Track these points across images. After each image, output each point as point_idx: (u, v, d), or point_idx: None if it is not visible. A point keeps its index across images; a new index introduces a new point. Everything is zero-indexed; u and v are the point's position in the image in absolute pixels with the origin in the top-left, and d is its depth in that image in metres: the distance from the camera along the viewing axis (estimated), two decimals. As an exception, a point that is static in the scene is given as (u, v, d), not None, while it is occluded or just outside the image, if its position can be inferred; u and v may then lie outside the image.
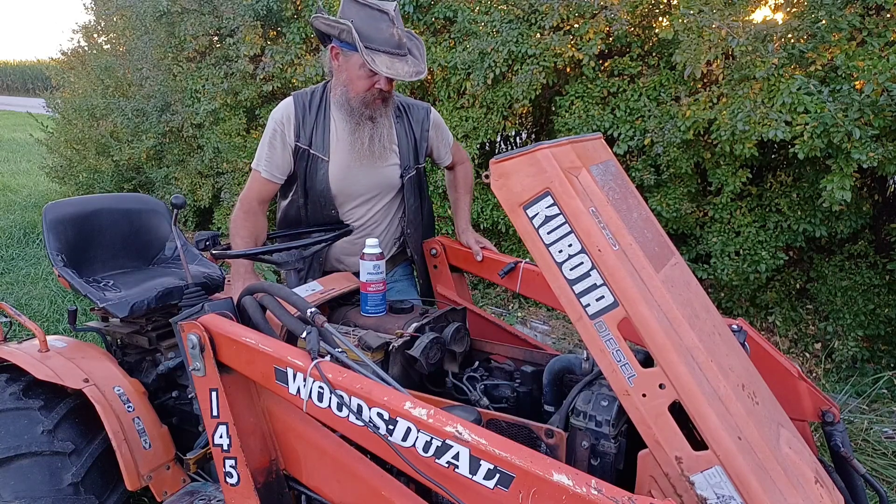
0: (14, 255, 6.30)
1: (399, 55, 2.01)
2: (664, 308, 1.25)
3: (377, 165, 2.24)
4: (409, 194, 2.35)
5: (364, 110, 2.11)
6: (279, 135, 2.20)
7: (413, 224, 2.41)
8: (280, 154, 2.22)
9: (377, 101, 2.11)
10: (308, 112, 2.20)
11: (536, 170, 1.28)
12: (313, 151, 2.21)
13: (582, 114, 3.91)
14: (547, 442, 1.45)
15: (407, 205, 2.36)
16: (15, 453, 1.99)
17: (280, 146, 2.21)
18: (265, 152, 2.23)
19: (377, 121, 2.15)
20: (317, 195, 2.26)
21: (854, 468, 1.65)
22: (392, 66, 1.99)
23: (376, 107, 2.12)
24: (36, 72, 30.66)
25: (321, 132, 2.20)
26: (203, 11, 5.60)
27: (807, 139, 2.94)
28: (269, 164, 2.23)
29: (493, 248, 2.38)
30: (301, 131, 2.19)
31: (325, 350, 1.43)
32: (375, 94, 2.08)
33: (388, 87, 2.09)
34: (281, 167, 2.23)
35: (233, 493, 1.62)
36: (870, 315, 3.59)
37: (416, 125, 2.33)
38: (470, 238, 2.40)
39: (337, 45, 2.07)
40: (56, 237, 2.47)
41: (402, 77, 2.00)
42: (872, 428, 3.11)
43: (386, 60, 1.98)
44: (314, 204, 2.28)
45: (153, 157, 6.94)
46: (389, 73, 1.98)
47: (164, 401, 2.40)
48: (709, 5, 3.25)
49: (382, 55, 1.98)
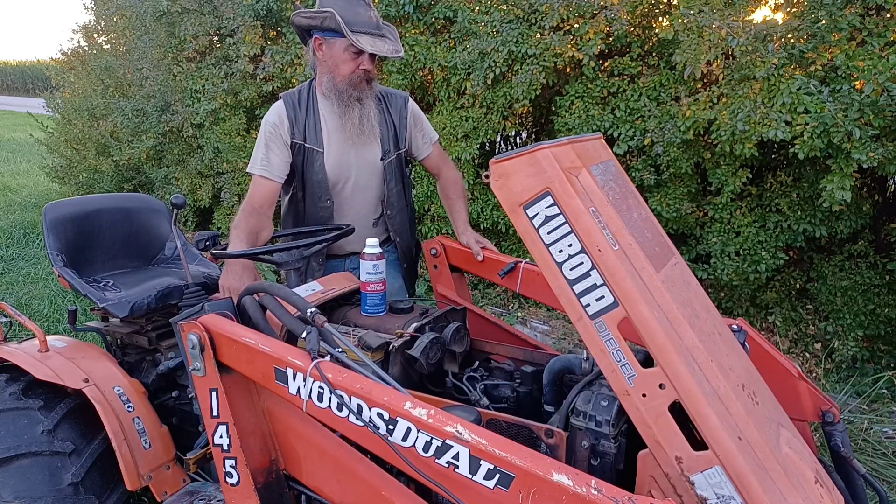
0: (14, 255, 6.30)
1: (379, 35, 2.19)
2: (664, 308, 1.25)
3: (362, 147, 2.35)
4: (390, 178, 2.43)
5: (352, 91, 2.24)
6: (274, 136, 2.29)
7: (394, 207, 2.49)
8: (277, 154, 2.29)
9: (363, 83, 2.24)
10: (298, 109, 2.30)
11: (536, 170, 1.28)
12: (308, 145, 2.30)
13: (582, 114, 3.91)
14: (547, 442, 1.45)
15: (388, 188, 2.44)
16: (15, 453, 1.99)
17: (276, 147, 2.29)
18: (261, 154, 2.29)
19: (364, 102, 2.27)
20: (313, 186, 2.34)
21: (854, 468, 1.65)
22: (374, 44, 2.16)
23: (362, 88, 2.25)
24: (36, 72, 30.66)
25: (313, 126, 2.30)
26: (203, 11, 5.60)
27: (807, 139, 2.94)
28: (266, 163, 2.28)
29: (493, 247, 2.39)
30: (295, 128, 2.29)
31: (325, 350, 1.43)
32: (361, 74, 2.22)
33: (371, 66, 2.23)
34: (279, 166, 2.30)
35: (233, 493, 1.62)
36: (870, 315, 3.59)
37: (394, 112, 2.42)
38: (470, 238, 2.41)
39: (319, 35, 2.20)
40: (56, 237, 2.47)
41: (385, 53, 2.17)
42: (872, 428, 3.11)
43: (369, 40, 2.15)
44: (311, 196, 2.36)
45: (153, 157, 6.94)
46: (373, 49, 2.14)
47: (164, 401, 2.40)
48: (709, 5, 3.25)
49: (365, 35, 2.15)
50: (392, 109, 2.41)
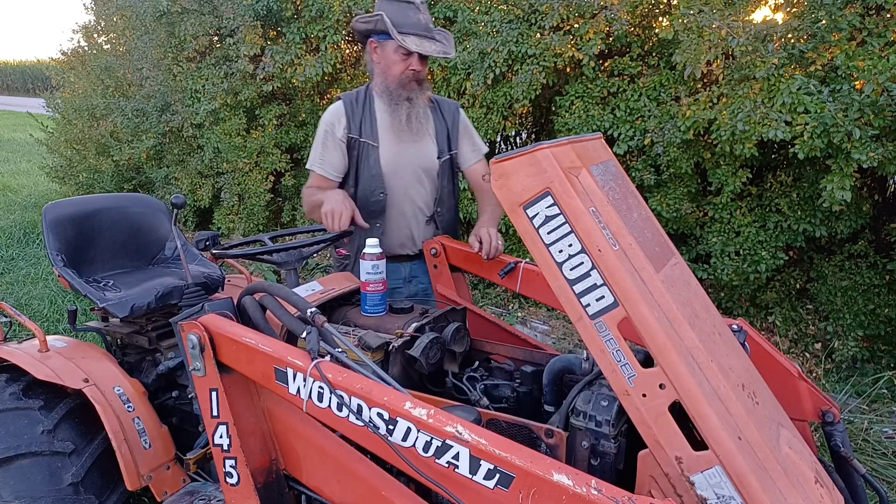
0: (14, 255, 6.30)
1: (427, 37, 2.28)
2: (664, 308, 1.25)
3: (418, 144, 2.42)
4: (444, 178, 2.49)
5: (401, 91, 2.33)
6: (331, 135, 2.39)
7: (445, 205, 2.53)
8: (333, 152, 2.39)
9: (412, 83, 2.33)
10: (356, 107, 2.41)
11: (536, 170, 1.28)
12: (363, 140, 2.38)
13: (582, 114, 3.91)
14: (547, 442, 1.45)
15: (442, 186, 2.50)
16: (15, 453, 1.99)
17: (332, 145, 2.39)
18: (319, 153, 2.41)
19: (413, 101, 2.35)
20: (368, 180, 2.40)
21: (854, 468, 1.65)
22: (421, 45, 2.24)
23: (412, 88, 2.34)
24: (36, 72, 30.63)
25: (369, 122, 2.40)
26: (203, 11, 5.60)
27: (807, 139, 2.94)
28: (322, 162, 2.40)
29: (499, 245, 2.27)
30: (351, 124, 2.39)
31: (325, 350, 1.43)
32: (410, 75, 2.31)
33: (421, 67, 2.31)
34: (335, 165, 2.39)
35: (233, 493, 1.62)
36: (870, 315, 3.59)
37: (447, 116, 2.51)
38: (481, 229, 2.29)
39: (374, 38, 2.32)
40: (56, 237, 2.47)
41: (432, 53, 2.26)
42: (872, 428, 3.11)
43: (416, 40, 2.24)
44: (364, 189, 2.41)
45: (153, 157, 6.94)
46: (419, 49, 2.23)
47: (164, 401, 2.40)
48: (709, 5, 3.25)
49: (412, 36, 2.24)
50: (445, 113, 2.50)
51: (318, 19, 4.93)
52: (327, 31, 4.88)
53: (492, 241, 2.24)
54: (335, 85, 5.44)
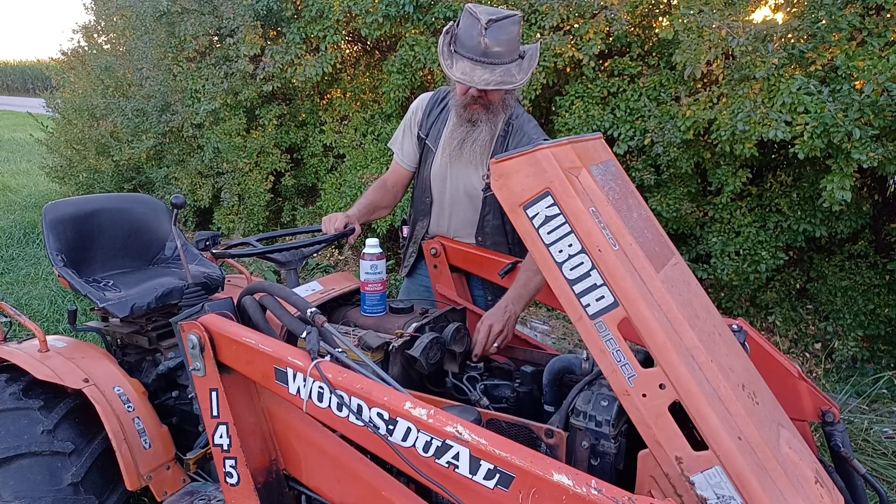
0: (14, 255, 6.29)
1: (482, 62, 1.96)
2: (664, 308, 1.25)
3: (467, 170, 2.26)
4: (489, 211, 2.29)
5: (463, 113, 2.15)
6: (409, 124, 2.41)
7: (488, 238, 2.33)
8: (408, 140, 2.42)
9: (474, 106, 2.11)
10: (437, 106, 2.36)
11: (536, 170, 1.28)
12: (428, 142, 2.37)
13: (582, 114, 3.91)
14: (547, 442, 1.45)
15: (484, 219, 2.31)
16: (15, 453, 1.98)
17: (408, 133, 2.42)
18: (399, 136, 2.45)
19: (477, 126, 2.15)
20: (422, 179, 2.42)
21: (854, 468, 1.65)
22: (467, 73, 1.97)
23: (474, 111, 2.12)
24: (36, 72, 30.62)
25: (439, 126, 2.35)
26: (203, 11, 5.60)
27: (807, 139, 2.94)
28: (399, 148, 2.45)
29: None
30: (425, 121, 2.37)
31: (325, 350, 1.43)
32: (468, 100, 2.09)
33: (481, 94, 2.06)
34: (408, 153, 2.43)
35: (233, 493, 1.62)
36: (870, 315, 3.59)
37: (513, 148, 2.22)
38: (487, 320, 1.97)
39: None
40: (56, 237, 2.47)
41: (475, 84, 1.97)
42: (872, 428, 3.11)
43: (465, 66, 1.97)
44: (419, 187, 2.45)
45: (153, 157, 6.94)
46: (462, 78, 1.98)
47: (164, 401, 2.40)
48: (709, 5, 3.25)
49: (465, 61, 1.97)
50: (512, 144, 2.21)
51: (318, 19, 4.93)
52: (327, 31, 4.87)
53: (487, 339, 1.92)
54: (335, 85, 5.43)
